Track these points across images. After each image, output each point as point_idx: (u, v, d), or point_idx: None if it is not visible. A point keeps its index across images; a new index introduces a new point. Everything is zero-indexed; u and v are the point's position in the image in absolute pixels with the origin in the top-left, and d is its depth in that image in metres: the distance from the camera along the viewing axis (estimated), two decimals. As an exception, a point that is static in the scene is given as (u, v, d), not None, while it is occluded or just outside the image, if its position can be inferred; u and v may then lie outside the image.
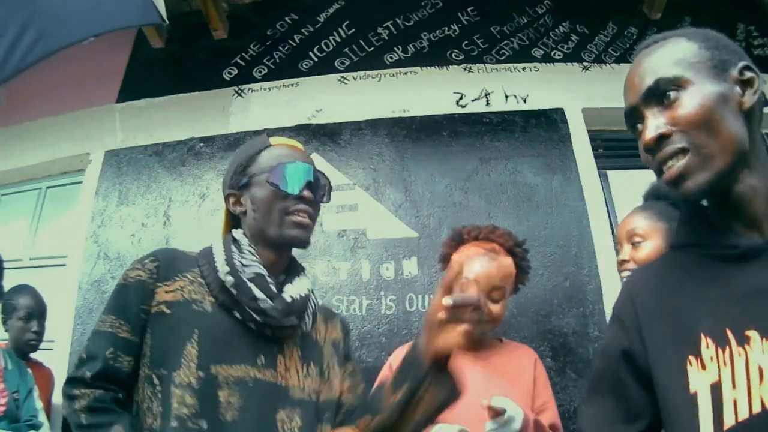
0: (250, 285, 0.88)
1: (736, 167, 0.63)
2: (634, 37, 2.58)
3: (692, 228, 0.70)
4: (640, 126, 0.68)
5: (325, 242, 2.21)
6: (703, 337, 0.61)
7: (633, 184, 2.35)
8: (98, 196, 2.47)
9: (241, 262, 0.90)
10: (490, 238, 1.41)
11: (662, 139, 0.64)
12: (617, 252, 1.39)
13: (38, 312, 2.06)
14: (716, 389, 0.58)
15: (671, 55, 0.66)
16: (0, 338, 2.03)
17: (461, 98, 2.43)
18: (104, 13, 1.80)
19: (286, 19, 2.74)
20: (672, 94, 0.64)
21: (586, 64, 2.51)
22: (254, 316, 0.87)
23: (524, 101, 2.40)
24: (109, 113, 2.65)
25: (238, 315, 0.88)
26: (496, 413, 1.10)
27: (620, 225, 1.40)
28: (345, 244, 2.19)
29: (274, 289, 0.90)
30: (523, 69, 2.50)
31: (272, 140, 1.01)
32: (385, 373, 1.27)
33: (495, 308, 1.31)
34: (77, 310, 2.26)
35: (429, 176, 2.27)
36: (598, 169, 2.27)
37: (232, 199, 0.99)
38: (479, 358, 1.32)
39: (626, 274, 1.33)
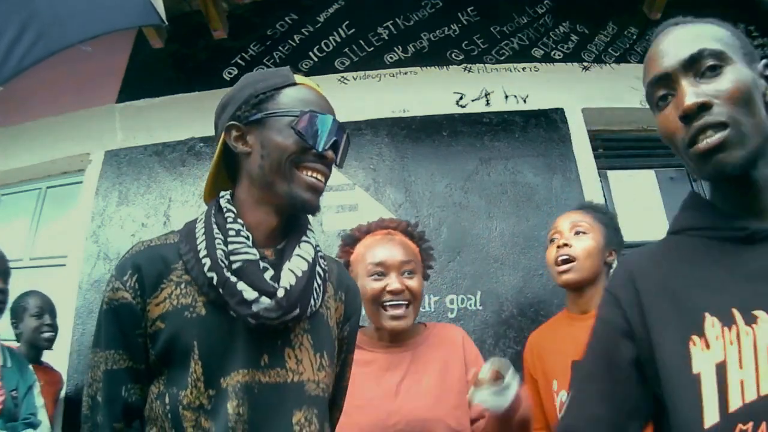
0: (238, 285, 0.74)
1: (763, 151, 0.63)
2: (634, 37, 2.58)
3: (697, 213, 0.70)
4: (668, 95, 0.66)
5: (325, 242, 2.20)
6: (707, 316, 0.59)
7: (633, 184, 2.35)
8: (98, 196, 2.47)
9: (224, 249, 0.76)
10: (382, 226, 1.37)
11: (702, 109, 0.62)
12: (553, 242, 1.46)
13: (49, 308, 2.09)
14: (721, 369, 0.56)
15: (710, 31, 0.66)
16: (3, 338, 2.03)
17: (461, 98, 2.43)
18: (104, 14, 1.81)
19: (286, 19, 2.74)
20: (716, 66, 0.63)
21: (586, 64, 2.51)
22: (248, 320, 0.75)
23: (524, 101, 2.40)
24: (109, 113, 2.65)
25: (232, 312, 0.75)
26: (496, 376, 1.00)
27: (559, 220, 1.49)
28: (345, 244, 2.19)
29: (269, 279, 0.76)
30: (523, 69, 2.50)
31: (298, 78, 0.84)
32: None
33: (412, 283, 1.24)
34: (77, 310, 2.26)
35: (429, 176, 2.27)
36: (598, 169, 2.26)
37: (235, 132, 0.81)
38: (408, 349, 1.27)
39: (564, 258, 1.39)
